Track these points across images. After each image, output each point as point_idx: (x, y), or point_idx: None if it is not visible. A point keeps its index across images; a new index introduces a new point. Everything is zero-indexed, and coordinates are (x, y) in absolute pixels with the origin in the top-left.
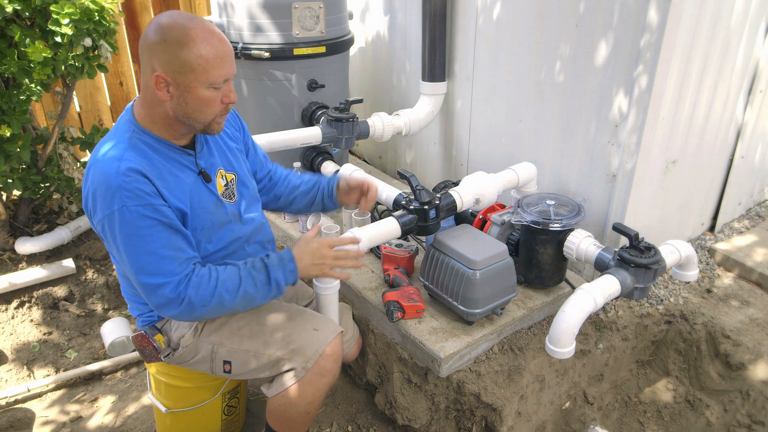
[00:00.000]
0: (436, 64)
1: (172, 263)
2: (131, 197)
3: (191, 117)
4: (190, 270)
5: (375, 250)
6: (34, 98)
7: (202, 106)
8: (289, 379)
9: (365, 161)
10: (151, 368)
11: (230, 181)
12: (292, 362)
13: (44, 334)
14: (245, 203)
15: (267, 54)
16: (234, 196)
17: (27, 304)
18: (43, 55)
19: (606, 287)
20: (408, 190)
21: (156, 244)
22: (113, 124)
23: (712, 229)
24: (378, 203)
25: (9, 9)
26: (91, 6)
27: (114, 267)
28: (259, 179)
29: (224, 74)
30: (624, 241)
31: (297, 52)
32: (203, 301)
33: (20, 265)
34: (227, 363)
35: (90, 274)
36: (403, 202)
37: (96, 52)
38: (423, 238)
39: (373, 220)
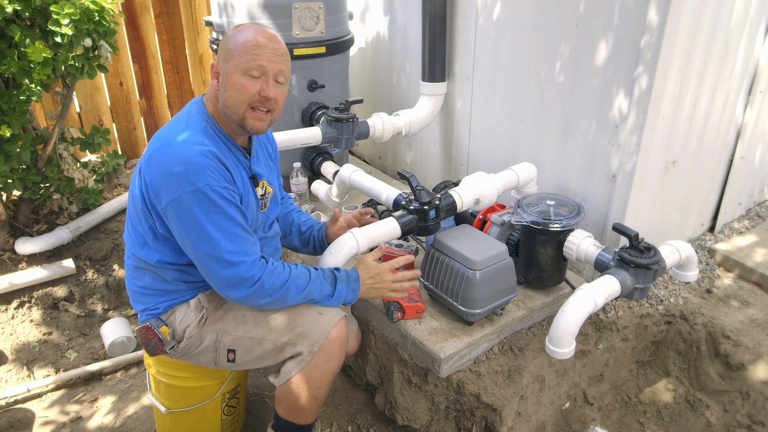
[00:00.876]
0: (436, 64)
1: (245, 243)
2: (214, 177)
3: (228, 105)
4: (258, 255)
5: None
6: (34, 98)
7: (236, 92)
8: (295, 366)
9: (365, 161)
10: (151, 368)
11: (267, 193)
12: (297, 347)
13: (44, 334)
14: (272, 216)
15: None
16: (266, 207)
17: (27, 305)
18: (43, 55)
19: (606, 287)
20: (408, 190)
21: (233, 224)
22: (113, 124)
23: (712, 229)
24: (378, 203)
25: (9, 9)
26: (91, 6)
27: (114, 267)
28: None
29: (258, 63)
30: (624, 241)
31: (297, 52)
32: (272, 290)
33: (20, 266)
34: (231, 351)
35: (90, 274)
36: (403, 203)
37: (96, 53)
38: (423, 238)
39: None
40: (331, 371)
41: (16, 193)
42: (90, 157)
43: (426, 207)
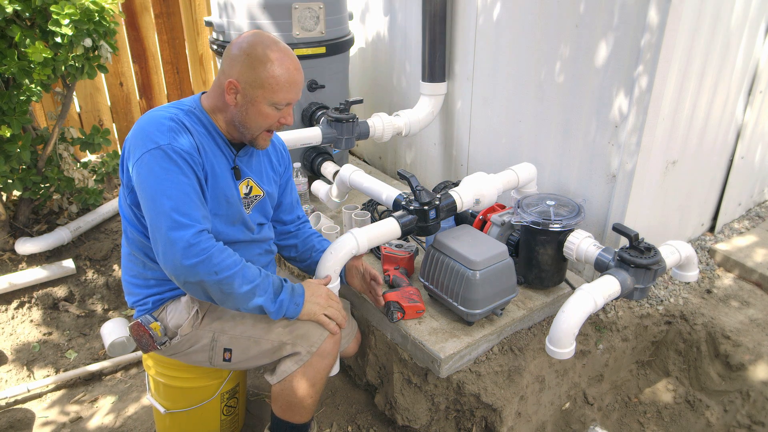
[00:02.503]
0: (436, 64)
1: (198, 211)
2: (177, 139)
3: (245, 125)
4: (208, 227)
5: (375, 251)
6: (34, 99)
7: (260, 120)
8: (292, 365)
9: (365, 162)
10: (150, 369)
11: (254, 195)
12: (295, 347)
13: (44, 334)
14: (258, 220)
15: None
16: (249, 209)
17: (27, 305)
18: (43, 55)
19: (606, 288)
20: (408, 190)
21: (189, 188)
22: (113, 124)
23: (712, 229)
24: (378, 203)
25: (9, 9)
26: (92, 6)
27: (114, 267)
28: (288, 220)
29: (289, 98)
30: (624, 241)
31: (297, 52)
32: (219, 268)
33: (20, 266)
34: (227, 351)
35: (90, 274)
36: (403, 203)
37: (96, 53)
38: (423, 238)
39: (374, 220)
40: (325, 368)
41: (16, 193)
42: (90, 157)
43: (426, 207)
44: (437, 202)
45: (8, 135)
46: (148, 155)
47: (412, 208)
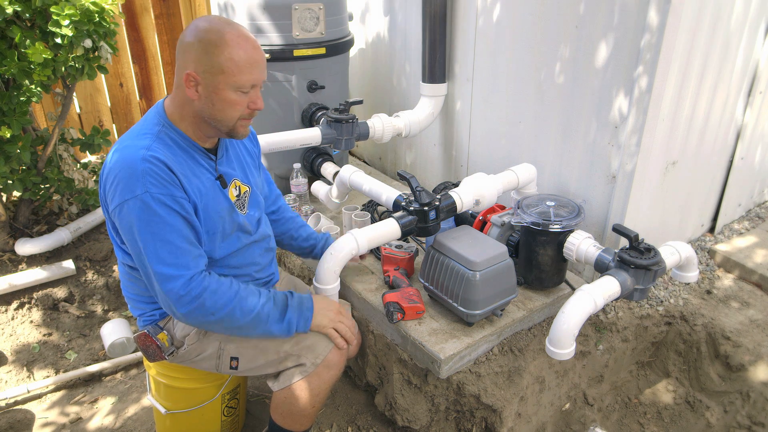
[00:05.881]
0: (436, 65)
1: (186, 256)
2: (155, 184)
3: (216, 118)
4: (200, 269)
5: (375, 252)
6: (34, 99)
7: (227, 108)
8: (297, 374)
9: (365, 162)
10: (151, 370)
11: (243, 193)
12: (301, 358)
13: (44, 335)
14: (255, 216)
15: (267, 55)
16: (245, 208)
17: (27, 306)
18: (43, 56)
19: (606, 288)
20: (408, 191)
21: (174, 234)
22: (113, 125)
23: (712, 230)
24: (378, 204)
25: (9, 10)
26: (92, 7)
27: (114, 269)
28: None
29: (252, 79)
30: (624, 242)
31: (297, 53)
32: (214, 309)
33: (20, 266)
34: (234, 359)
35: (90, 275)
36: (403, 204)
37: (96, 54)
38: (423, 239)
39: (374, 221)
40: (331, 380)
41: (16, 194)
42: (90, 158)
43: (426, 208)
44: (437, 203)
45: (8, 136)
46: (126, 206)
47: (412, 208)
